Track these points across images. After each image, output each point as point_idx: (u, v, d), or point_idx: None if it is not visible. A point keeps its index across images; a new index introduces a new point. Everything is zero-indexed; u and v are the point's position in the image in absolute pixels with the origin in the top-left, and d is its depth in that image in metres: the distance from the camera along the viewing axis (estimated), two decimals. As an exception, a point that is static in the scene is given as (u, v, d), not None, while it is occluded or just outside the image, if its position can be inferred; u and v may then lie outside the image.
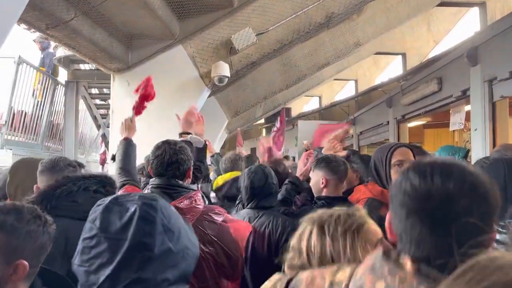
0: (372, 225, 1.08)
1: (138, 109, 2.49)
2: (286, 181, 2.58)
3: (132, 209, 0.93)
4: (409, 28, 10.70)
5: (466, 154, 3.10)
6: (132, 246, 0.89)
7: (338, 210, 1.11)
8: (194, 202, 1.86)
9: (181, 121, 2.59)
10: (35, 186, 1.76)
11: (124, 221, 0.91)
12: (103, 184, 1.66)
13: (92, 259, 0.91)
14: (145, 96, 2.47)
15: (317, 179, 2.31)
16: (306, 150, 3.06)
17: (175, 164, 1.88)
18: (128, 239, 0.89)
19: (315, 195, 2.37)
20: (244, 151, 4.14)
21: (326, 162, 2.30)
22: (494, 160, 1.82)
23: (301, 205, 2.61)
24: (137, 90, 2.50)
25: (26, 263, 0.98)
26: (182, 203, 1.82)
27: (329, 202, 2.14)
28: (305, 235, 1.07)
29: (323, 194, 2.27)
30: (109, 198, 0.98)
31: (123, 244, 0.89)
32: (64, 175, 1.65)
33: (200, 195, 1.94)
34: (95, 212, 0.96)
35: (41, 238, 1.03)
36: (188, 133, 2.51)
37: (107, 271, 0.88)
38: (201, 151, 2.47)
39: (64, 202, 1.52)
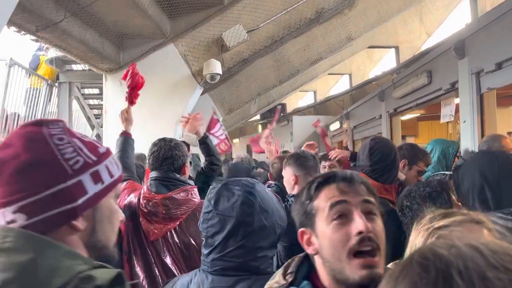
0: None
1: (131, 99, 2.50)
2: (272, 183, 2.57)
3: (237, 194, 1.23)
4: (401, 21, 10.73)
5: (458, 148, 3.18)
6: (237, 222, 1.18)
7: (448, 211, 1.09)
8: (190, 195, 1.97)
9: (187, 124, 2.71)
10: None
11: (231, 203, 1.21)
12: None
13: (208, 227, 1.19)
14: (133, 85, 2.48)
15: (288, 177, 2.27)
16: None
17: (170, 159, 1.99)
18: (234, 217, 1.19)
19: (288, 193, 2.30)
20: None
21: (294, 158, 2.26)
22: (487, 152, 1.82)
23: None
24: (124, 79, 2.50)
25: None
26: (178, 195, 1.94)
27: None
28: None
29: (295, 191, 2.21)
30: (221, 183, 1.29)
31: (231, 220, 1.19)
32: None
33: (196, 190, 2.03)
34: (211, 193, 1.24)
35: None
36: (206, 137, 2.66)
37: (219, 238, 1.17)
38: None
39: None
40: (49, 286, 0.62)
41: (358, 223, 0.87)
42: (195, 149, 2.96)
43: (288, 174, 2.28)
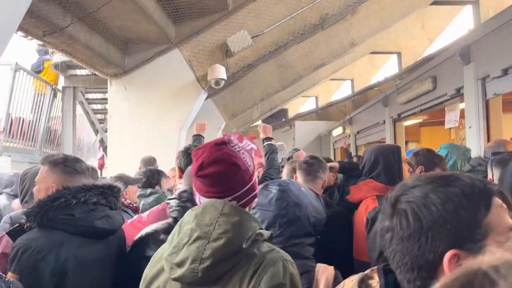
0: None
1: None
2: None
3: (273, 192, 1.57)
4: (403, 27, 10.75)
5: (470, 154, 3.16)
6: (274, 215, 1.54)
7: None
8: None
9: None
10: (52, 185, 1.63)
11: (268, 200, 1.56)
12: (105, 195, 1.62)
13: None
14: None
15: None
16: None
17: None
18: (272, 211, 1.54)
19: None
20: None
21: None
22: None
23: None
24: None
25: None
26: None
27: None
28: None
29: None
30: (263, 184, 1.63)
31: (269, 214, 1.54)
32: (66, 185, 1.58)
33: None
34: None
35: None
36: (271, 138, 2.86)
37: (263, 226, 1.34)
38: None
39: (60, 215, 1.47)
40: (244, 235, 1.05)
41: None
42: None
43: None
